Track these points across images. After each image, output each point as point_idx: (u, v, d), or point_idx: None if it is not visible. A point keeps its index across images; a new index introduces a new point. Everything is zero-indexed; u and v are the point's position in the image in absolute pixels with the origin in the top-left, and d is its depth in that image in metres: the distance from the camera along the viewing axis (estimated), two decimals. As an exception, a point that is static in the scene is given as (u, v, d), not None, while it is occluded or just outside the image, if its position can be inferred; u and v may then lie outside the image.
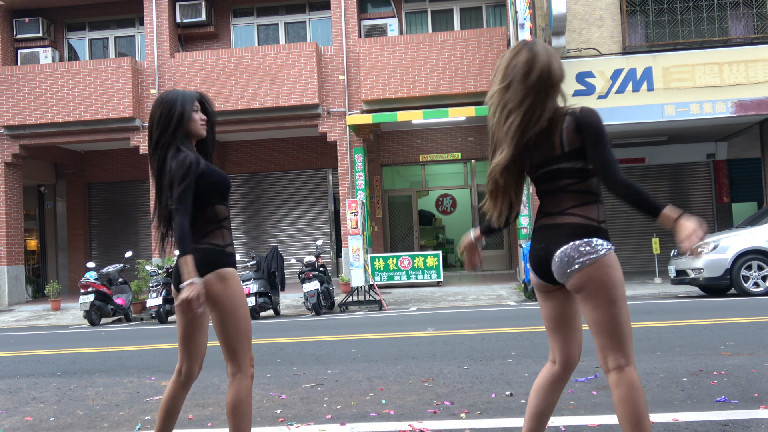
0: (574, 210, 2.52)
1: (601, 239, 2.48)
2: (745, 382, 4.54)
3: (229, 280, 2.85)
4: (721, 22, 14.03)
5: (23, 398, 5.39)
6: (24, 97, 16.17)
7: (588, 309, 2.49)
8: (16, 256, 16.80)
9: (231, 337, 2.85)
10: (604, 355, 2.47)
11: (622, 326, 2.45)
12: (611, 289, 2.44)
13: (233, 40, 17.86)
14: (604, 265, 2.45)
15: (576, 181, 2.53)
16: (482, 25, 17.17)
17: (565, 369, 2.69)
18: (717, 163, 17.75)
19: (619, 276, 2.48)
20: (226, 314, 2.84)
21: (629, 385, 2.40)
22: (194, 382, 3.08)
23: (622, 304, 2.46)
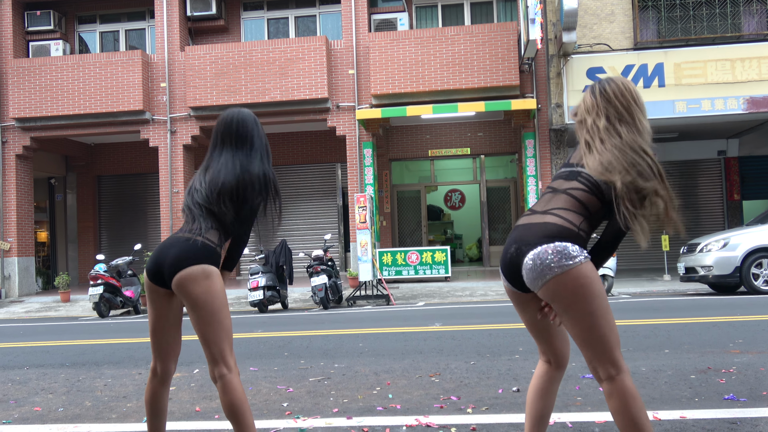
0: (558, 211, 2.44)
1: (577, 246, 2.36)
2: (753, 380, 4.52)
3: (214, 278, 2.78)
4: (734, 18, 13.92)
5: (32, 389, 5.43)
6: (35, 90, 16.24)
7: (566, 321, 2.39)
8: (26, 247, 16.91)
9: (217, 337, 2.77)
10: (594, 366, 2.39)
11: (605, 337, 2.33)
12: (588, 302, 2.33)
13: (243, 34, 17.87)
14: (579, 276, 2.32)
15: (584, 190, 2.46)
16: (493, 20, 17.10)
17: (558, 366, 2.68)
18: (728, 160, 17.64)
19: (596, 287, 2.34)
20: (212, 313, 2.75)
21: (623, 394, 2.32)
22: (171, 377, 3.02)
23: (602, 314, 2.33)
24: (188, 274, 2.73)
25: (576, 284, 2.32)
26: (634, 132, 2.45)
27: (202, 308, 2.75)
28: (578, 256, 2.33)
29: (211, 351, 2.77)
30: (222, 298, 2.80)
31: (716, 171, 17.93)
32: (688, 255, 11.75)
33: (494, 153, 17.69)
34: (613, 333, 2.36)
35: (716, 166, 17.91)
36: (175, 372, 3.02)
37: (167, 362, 2.97)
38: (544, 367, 2.70)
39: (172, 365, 2.99)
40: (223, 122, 3.05)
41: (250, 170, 2.93)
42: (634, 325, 7.54)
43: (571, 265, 2.31)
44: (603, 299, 2.36)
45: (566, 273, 2.31)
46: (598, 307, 2.33)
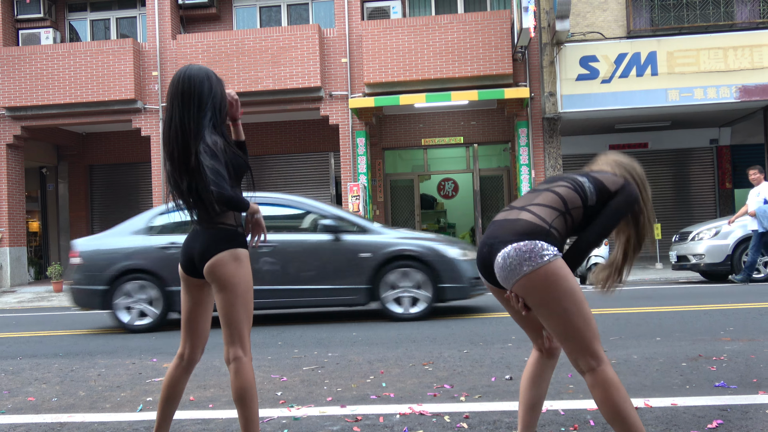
0: (533, 207, 2.46)
1: (547, 243, 2.37)
2: (744, 368, 4.56)
3: (243, 261, 2.85)
4: (727, 7, 13.92)
5: (26, 379, 5.42)
6: (25, 79, 16.11)
7: (541, 317, 2.42)
8: (18, 237, 16.84)
9: (239, 319, 2.82)
10: (574, 358, 2.41)
11: (581, 331, 2.35)
12: (559, 299, 2.35)
13: (235, 22, 17.76)
14: (549, 274, 2.34)
15: (566, 186, 2.51)
16: (486, 8, 17.04)
17: (550, 354, 2.71)
18: (720, 148, 17.69)
19: (567, 285, 2.35)
20: (237, 295, 2.81)
21: (605, 385, 2.35)
22: (194, 366, 3.07)
23: (576, 309, 2.35)
24: (218, 260, 2.80)
25: (546, 282, 2.34)
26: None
27: (228, 290, 2.81)
28: (547, 254, 2.34)
29: (230, 331, 2.82)
30: (248, 282, 2.85)
31: (708, 159, 17.99)
32: (680, 243, 11.81)
33: (487, 142, 17.68)
34: (590, 326, 2.37)
35: (708, 154, 17.96)
36: (199, 360, 3.07)
37: (195, 350, 3.03)
38: (537, 356, 2.73)
39: (198, 353, 3.04)
40: (171, 82, 2.90)
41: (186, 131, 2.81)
42: (626, 313, 7.58)
43: (540, 264, 2.33)
44: (575, 294, 2.37)
45: (535, 271, 2.33)
46: (570, 303, 2.35)
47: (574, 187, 2.51)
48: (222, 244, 2.81)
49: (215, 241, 2.82)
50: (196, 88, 2.82)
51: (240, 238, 2.88)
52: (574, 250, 2.48)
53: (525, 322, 2.70)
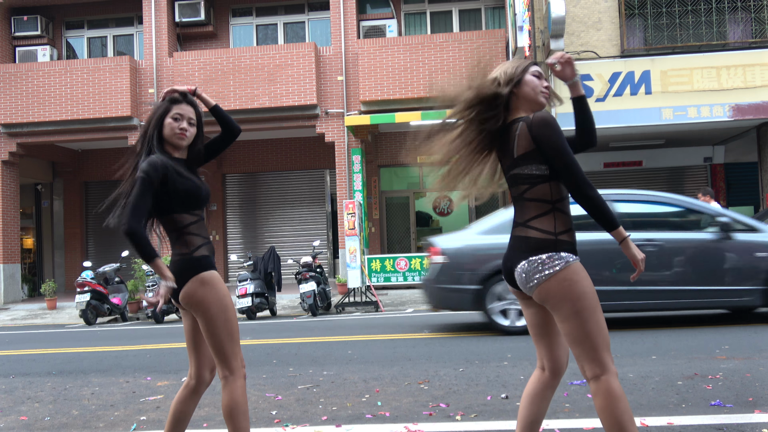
0: (533, 222, 2.54)
1: (558, 252, 2.48)
2: (739, 386, 4.55)
3: (210, 284, 2.83)
4: (720, 26, 14.05)
5: (18, 397, 5.38)
6: (22, 96, 16.14)
7: (557, 320, 2.52)
8: (12, 254, 16.77)
9: (220, 340, 2.82)
10: (581, 364, 2.48)
11: (592, 336, 2.43)
12: (573, 302, 2.43)
13: (232, 40, 17.85)
14: (562, 280, 2.45)
15: (529, 186, 2.55)
16: (481, 27, 17.19)
17: (554, 375, 2.71)
18: (714, 166, 17.77)
19: (581, 288, 2.45)
20: (212, 318, 2.81)
21: (607, 395, 2.40)
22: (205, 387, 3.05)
23: (589, 315, 2.43)
24: (184, 292, 2.82)
25: (560, 287, 2.44)
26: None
27: (201, 315, 2.82)
28: (558, 262, 2.46)
29: (215, 353, 2.85)
30: (220, 302, 2.83)
31: (703, 178, 18.06)
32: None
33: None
34: (601, 333, 2.44)
35: (703, 172, 18.04)
36: (210, 382, 3.05)
37: (200, 371, 3.02)
38: (539, 374, 2.74)
39: (205, 374, 3.03)
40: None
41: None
42: (622, 332, 7.57)
43: (552, 273, 2.45)
44: (590, 298, 2.45)
45: (549, 279, 2.45)
46: (583, 307, 2.43)
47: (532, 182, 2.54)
48: (184, 274, 2.81)
49: (177, 272, 2.82)
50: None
51: (197, 262, 2.83)
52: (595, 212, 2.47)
53: (539, 335, 2.72)
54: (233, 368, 2.83)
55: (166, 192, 2.79)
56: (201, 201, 2.91)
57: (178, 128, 2.87)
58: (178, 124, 2.88)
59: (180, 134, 2.88)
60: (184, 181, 2.82)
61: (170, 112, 2.89)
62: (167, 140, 2.89)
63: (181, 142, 2.90)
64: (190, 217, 2.88)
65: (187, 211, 2.87)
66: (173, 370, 6.36)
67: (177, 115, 2.89)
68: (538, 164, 2.52)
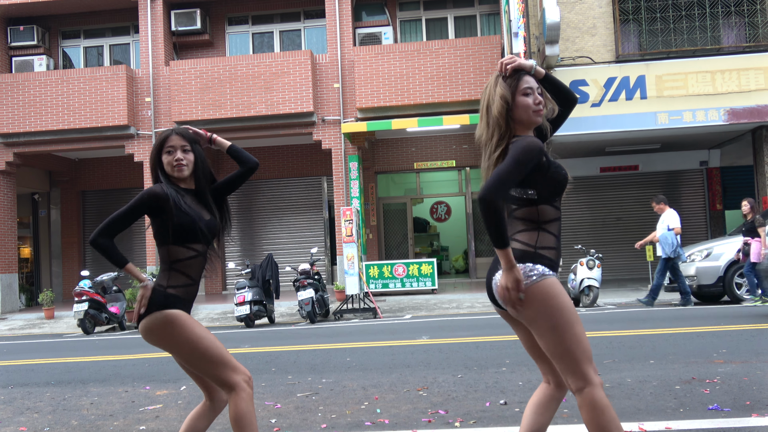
0: (518, 236, 2.56)
1: (536, 264, 2.47)
2: (737, 390, 4.57)
3: (168, 325, 2.79)
4: (714, 31, 14.13)
5: (17, 408, 5.38)
6: (18, 105, 16.15)
7: (535, 335, 2.50)
8: (9, 264, 16.75)
9: (205, 369, 2.84)
10: (565, 377, 2.48)
11: (571, 350, 2.42)
12: (549, 317, 2.42)
13: (228, 48, 17.90)
14: (537, 293, 2.43)
15: (517, 207, 2.59)
16: (476, 34, 17.25)
17: (559, 388, 2.71)
18: (710, 170, 17.84)
19: (558, 302, 2.44)
20: (187, 355, 2.83)
21: (592, 407, 2.40)
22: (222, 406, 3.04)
23: (566, 329, 2.42)
24: (142, 328, 2.85)
25: (534, 300, 2.42)
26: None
27: (173, 354, 2.88)
28: (533, 275, 2.44)
29: (208, 378, 2.89)
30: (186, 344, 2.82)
31: (699, 181, 18.13)
32: (672, 265, 11.85)
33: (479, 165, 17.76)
34: (580, 347, 2.43)
35: (699, 176, 18.11)
36: (227, 400, 3.01)
37: (213, 393, 3.03)
38: (545, 387, 2.75)
39: (219, 394, 3.02)
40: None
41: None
42: (619, 336, 7.59)
43: (527, 284, 2.42)
44: (566, 313, 2.44)
45: (524, 291, 2.42)
46: (560, 322, 2.42)
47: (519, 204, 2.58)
48: (149, 305, 2.81)
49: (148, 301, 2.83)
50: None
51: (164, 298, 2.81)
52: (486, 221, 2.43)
53: (536, 356, 2.72)
54: (232, 384, 2.84)
55: (164, 222, 2.83)
56: (199, 235, 2.86)
57: (173, 161, 2.92)
58: (172, 156, 2.93)
59: (177, 166, 2.92)
60: (182, 214, 2.82)
61: (162, 149, 2.95)
62: (169, 175, 2.94)
63: (181, 173, 2.93)
64: (184, 252, 2.86)
65: (183, 245, 2.85)
66: (172, 379, 6.36)
67: (169, 148, 2.93)
68: (524, 188, 2.53)
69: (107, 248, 2.77)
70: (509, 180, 2.39)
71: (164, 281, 2.84)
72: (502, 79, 2.65)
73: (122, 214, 2.81)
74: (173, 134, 2.95)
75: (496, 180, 2.38)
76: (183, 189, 2.92)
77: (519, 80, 2.62)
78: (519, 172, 2.42)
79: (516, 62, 2.63)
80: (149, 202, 2.80)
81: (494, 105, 2.61)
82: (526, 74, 2.66)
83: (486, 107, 2.66)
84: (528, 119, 2.62)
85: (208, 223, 2.92)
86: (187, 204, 2.86)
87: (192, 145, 2.98)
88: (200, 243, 2.88)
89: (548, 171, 2.53)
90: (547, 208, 2.55)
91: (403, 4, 17.62)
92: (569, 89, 2.80)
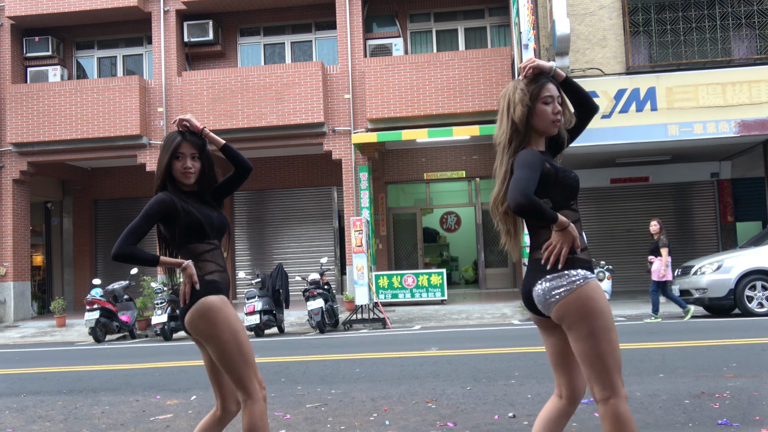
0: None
1: (576, 269, 2.51)
2: (747, 405, 4.56)
3: (216, 309, 2.88)
4: (724, 43, 14.12)
5: (30, 416, 5.43)
6: (33, 115, 16.33)
7: (571, 339, 2.53)
8: (22, 272, 16.89)
9: (234, 366, 2.88)
10: (591, 385, 2.49)
11: (604, 358, 2.44)
12: (590, 321, 2.45)
13: (240, 59, 18.03)
14: (581, 297, 2.47)
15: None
16: (486, 45, 17.31)
17: (571, 402, 2.71)
18: (721, 182, 17.77)
19: (599, 306, 2.47)
20: (223, 344, 2.86)
21: (615, 419, 2.41)
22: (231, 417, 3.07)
23: (603, 335, 2.45)
24: (189, 318, 2.91)
25: (579, 305, 2.46)
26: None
27: (210, 342, 2.89)
28: (578, 280, 2.48)
29: (231, 379, 2.92)
30: (228, 330, 2.88)
31: (709, 193, 18.05)
32: (683, 277, 11.81)
33: (489, 176, 17.79)
34: (613, 355, 2.45)
35: (709, 188, 18.04)
36: (237, 413, 3.06)
37: (226, 403, 3.06)
38: (555, 401, 2.74)
39: (232, 406, 3.06)
40: None
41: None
42: (629, 349, 7.58)
43: (572, 289, 2.47)
44: (606, 318, 2.48)
45: (569, 296, 2.47)
46: (599, 326, 2.45)
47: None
48: (192, 294, 2.90)
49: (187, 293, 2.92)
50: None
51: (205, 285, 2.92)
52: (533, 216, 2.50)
53: (558, 362, 2.73)
54: (250, 392, 2.87)
55: (176, 227, 2.94)
56: (213, 231, 3.01)
57: (182, 168, 3.01)
58: (182, 163, 3.02)
59: (185, 174, 3.02)
60: (190, 216, 2.94)
61: (174, 154, 3.03)
62: (177, 179, 3.04)
63: (188, 180, 3.03)
64: (204, 246, 2.99)
65: (201, 241, 2.98)
66: (183, 389, 6.41)
67: (179, 153, 3.02)
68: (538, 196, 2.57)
69: (133, 253, 2.84)
70: (530, 182, 2.45)
71: (198, 271, 2.94)
72: (524, 83, 2.67)
73: (137, 225, 2.89)
74: (184, 141, 3.03)
75: (518, 186, 2.44)
76: (186, 192, 3.04)
77: (541, 87, 2.65)
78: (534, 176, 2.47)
79: (535, 62, 2.65)
80: (161, 210, 2.90)
81: (515, 110, 2.64)
82: (549, 82, 2.68)
83: (506, 111, 2.69)
84: (544, 128, 2.66)
85: (217, 219, 3.05)
86: (193, 206, 2.99)
87: (200, 153, 3.06)
88: (214, 238, 3.03)
89: (557, 177, 2.57)
90: (566, 213, 2.59)
91: (414, 15, 17.71)
92: (589, 96, 2.81)
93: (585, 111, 2.80)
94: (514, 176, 2.51)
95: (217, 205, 3.17)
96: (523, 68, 2.67)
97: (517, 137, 2.66)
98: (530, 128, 2.66)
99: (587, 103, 2.79)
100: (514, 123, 2.65)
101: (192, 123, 3.07)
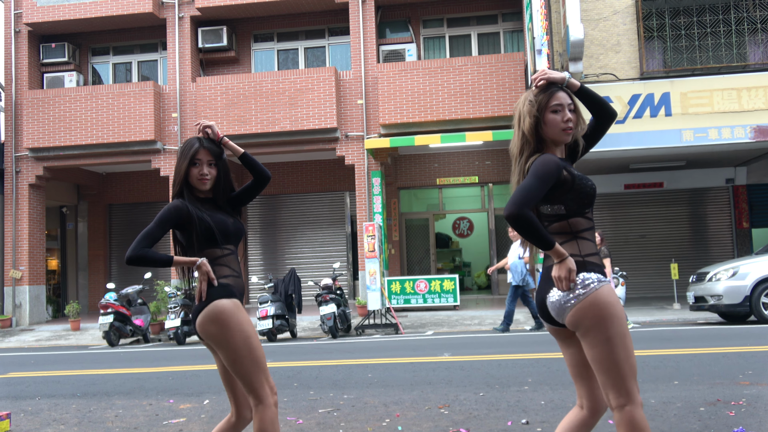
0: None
1: (589, 273, 2.50)
2: (763, 413, 4.51)
3: (228, 313, 2.90)
4: (739, 48, 14.03)
5: (44, 420, 5.47)
6: (49, 120, 16.49)
7: (585, 346, 2.50)
8: (37, 276, 17.03)
9: (245, 371, 2.89)
10: (606, 392, 2.46)
11: (620, 364, 2.42)
12: (606, 327, 2.43)
13: (254, 65, 18.12)
14: (597, 302, 2.45)
15: (549, 223, 2.62)
16: (500, 51, 17.29)
17: (592, 414, 2.68)
18: (736, 188, 17.63)
19: (615, 311, 2.46)
20: (234, 349, 2.88)
21: (630, 425, 2.39)
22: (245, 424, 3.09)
23: (619, 342, 2.43)
24: (200, 321, 2.93)
25: (594, 310, 2.45)
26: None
27: (221, 347, 2.91)
28: (592, 284, 2.47)
29: (242, 384, 2.94)
30: (240, 334, 2.90)
31: (725, 199, 17.92)
32: (698, 284, 11.71)
33: (502, 181, 17.76)
34: (628, 362, 2.43)
35: (725, 194, 17.90)
36: (251, 420, 3.06)
37: (240, 410, 3.08)
38: (577, 411, 2.71)
39: (246, 413, 3.08)
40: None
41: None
42: (643, 356, 7.52)
43: (585, 294, 2.46)
44: (622, 323, 2.47)
45: (584, 301, 2.46)
46: (615, 332, 2.44)
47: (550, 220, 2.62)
48: (201, 305, 2.94)
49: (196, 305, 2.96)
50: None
51: (218, 288, 2.94)
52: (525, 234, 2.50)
53: (578, 372, 2.70)
54: (261, 397, 2.89)
55: (192, 233, 2.98)
56: (228, 237, 3.04)
57: (198, 174, 3.06)
58: (198, 170, 3.06)
59: (201, 180, 3.06)
60: (203, 223, 2.98)
61: (192, 160, 3.07)
62: (193, 185, 3.08)
63: (204, 186, 3.07)
64: (219, 251, 3.02)
65: (217, 246, 3.02)
66: (195, 393, 6.43)
67: (196, 160, 3.06)
68: (552, 204, 2.57)
69: (146, 255, 2.88)
70: (531, 194, 2.45)
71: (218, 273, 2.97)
72: (534, 94, 2.67)
73: (151, 230, 2.93)
74: (202, 148, 3.06)
75: (519, 195, 2.45)
76: (201, 198, 3.08)
77: (550, 97, 2.65)
78: (540, 188, 2.46)
79: (546, 75, 2.65)
80: (175, 217, 2.95)
81: (524, 121, 2.65)
82: (559, 90, 2.66)
83: (517, 123, 2.70)
84: (555, 137, 2.65)
85: (233, 225, 3.09)
86: (208, 213, 3.02)
87: (217, 161, 3.09)
88: (230, 243, 3.06)
89: (574, 185, 2.56)
90: (579, 220, 2.59)
91: (427, 21, 17.73)
92: (605, 102, 2.78)
93: (603, 118, 2.77)
94: (521, 183, 2.51)
95: (235, 213, 3.20)
96: (534, 80, 2.67)
97: (527, 148, 2.66)
98: (542, 138, 2.66)
99: (605, 110, 2.76)
100: (524, 134, 2.65)
101: (214, 130, 3.12)
